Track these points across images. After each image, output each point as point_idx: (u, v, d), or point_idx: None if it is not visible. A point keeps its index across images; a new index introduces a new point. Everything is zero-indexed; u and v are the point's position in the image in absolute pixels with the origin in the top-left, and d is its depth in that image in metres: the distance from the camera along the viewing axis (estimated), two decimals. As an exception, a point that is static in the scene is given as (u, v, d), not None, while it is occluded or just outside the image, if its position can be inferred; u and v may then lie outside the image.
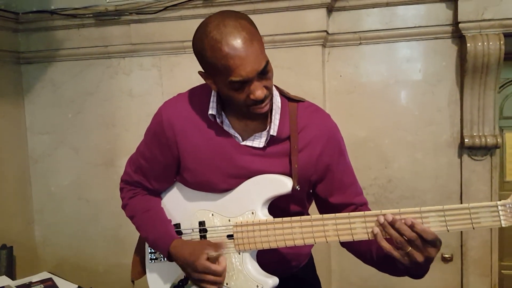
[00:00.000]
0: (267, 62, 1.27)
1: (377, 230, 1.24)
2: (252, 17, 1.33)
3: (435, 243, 1.20)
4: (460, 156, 2.70)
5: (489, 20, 2.49)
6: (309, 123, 1.42)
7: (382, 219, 1.23)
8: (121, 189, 1.64)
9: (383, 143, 2.80)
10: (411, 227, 1.19)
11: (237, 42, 1.21)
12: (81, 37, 3.07)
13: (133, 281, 1.67)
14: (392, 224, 1.21)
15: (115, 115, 3.10)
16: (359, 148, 2.78)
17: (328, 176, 1.45)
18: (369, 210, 1.46)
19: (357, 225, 1.28)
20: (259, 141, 1.39)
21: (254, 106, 1.30)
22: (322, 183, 1.46)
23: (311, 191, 1.52)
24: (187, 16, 2.84)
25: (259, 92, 1.26)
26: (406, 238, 1.20)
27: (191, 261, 1.38)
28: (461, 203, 2.69)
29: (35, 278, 2.43)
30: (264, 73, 1.26)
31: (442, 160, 2.73)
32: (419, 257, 1.21)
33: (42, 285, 2.39)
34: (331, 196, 1.46)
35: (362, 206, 1.48)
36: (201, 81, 1.41)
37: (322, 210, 1.51)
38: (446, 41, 2.67)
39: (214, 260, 1.37)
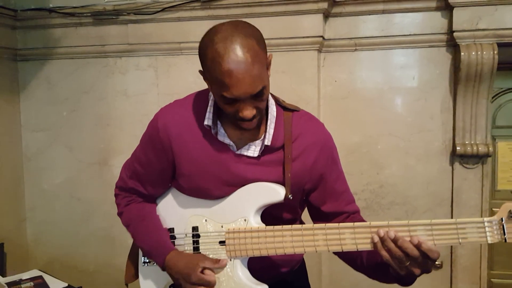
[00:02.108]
0: (264, 87, 1.25)
1: (377, 239, 1.24)
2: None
3: (436, 258, 1.21)
4: (451, 163, 2.72)
5: (483, 29, 2.51)
6: (303, 132, 1.43)
7: (382, 233, 1.23)
8: (116, 196, 1.64)
9: (376, 149, 2.82)
10: (418, 246, 1.19)
11: (238, 62, 1.19)
12: (78, 35, 3.07)
13: (126, 284, 1.68)
14: (394, 240, 1.22)
15: (110, 114, 3.10)
16: (352, 153, 2.80)
17: (322, 185, 1.46)
18: (361, 218, 1.49)
19: (347, 236, 1.30)
20: (253, 150, 1.40)
21: (241, 122, 1.30)
22: (316, 192, 1.48)
23: (304, 198, 1.53)
24: (185, 18, 2.84)
25: (247, 112, 1.26)
26: (408, 255, 1.20)
27: (185, 273, 1.40)
28: (452, 210, 2.71)
29: (25, 275, 2.45)
30: (258, 96, 1.26)
31: (434, 167, 2.75)
32: (417, 270, 1.23)
33: (32, 283, 2.40)
34: (323, 205, 1.48)
35: (354, 214, 1.50)
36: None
37: (314, 219, 1.52)
38: (440, 49, 2.68)
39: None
